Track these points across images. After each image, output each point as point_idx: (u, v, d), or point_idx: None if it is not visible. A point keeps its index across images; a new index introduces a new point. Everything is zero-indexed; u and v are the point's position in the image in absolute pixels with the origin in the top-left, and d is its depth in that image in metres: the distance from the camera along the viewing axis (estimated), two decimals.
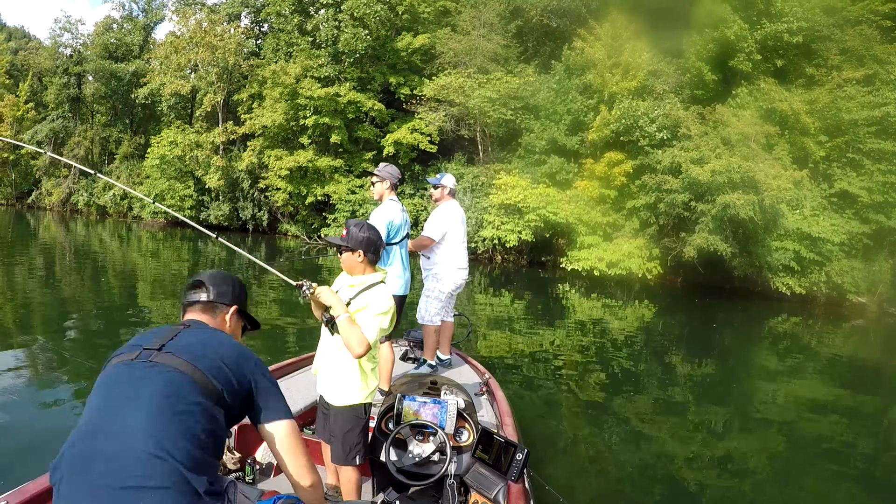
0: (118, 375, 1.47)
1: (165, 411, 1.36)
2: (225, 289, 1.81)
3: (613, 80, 18.20)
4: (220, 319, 1.78)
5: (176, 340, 1.54)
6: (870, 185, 15.71)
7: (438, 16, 25.11)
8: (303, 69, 23.57)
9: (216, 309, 1.78)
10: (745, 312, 14.95)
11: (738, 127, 15.81)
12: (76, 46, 34.72)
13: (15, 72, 40.12)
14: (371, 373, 2.60)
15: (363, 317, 2.45)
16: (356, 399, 2.56)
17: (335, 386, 2.60)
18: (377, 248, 2.62)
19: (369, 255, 2.58)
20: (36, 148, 4.19)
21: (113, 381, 1.46)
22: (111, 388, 1.45)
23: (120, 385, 1.44)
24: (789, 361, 9.77)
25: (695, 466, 4.97)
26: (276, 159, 24.50)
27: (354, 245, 2.56)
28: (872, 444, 5.99)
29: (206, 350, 1.53)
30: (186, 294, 1.81)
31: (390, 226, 3.86)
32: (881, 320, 14.67)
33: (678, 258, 16.88)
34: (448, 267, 4.45)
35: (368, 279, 2.59)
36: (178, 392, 1.40)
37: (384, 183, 3.99)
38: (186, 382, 1.43)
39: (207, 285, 1.78)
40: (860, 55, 16.66)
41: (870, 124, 15.77)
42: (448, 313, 4.65)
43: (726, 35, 16.65)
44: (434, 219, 4.39)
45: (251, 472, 3.10)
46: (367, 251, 2.57)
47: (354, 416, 2.57)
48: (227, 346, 1.59)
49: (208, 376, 1.47)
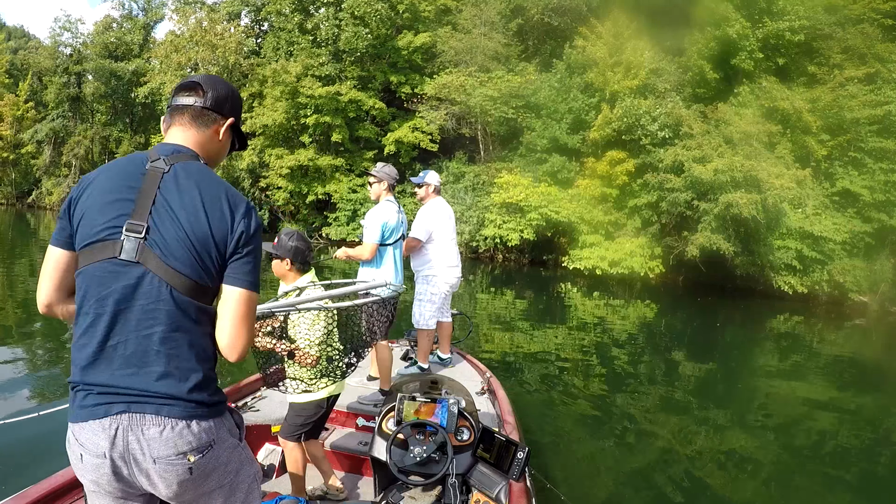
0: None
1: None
2: (223, 94, 1.47)
3: (615, 79, 18.20)
4: (212, 132, 1.46)
5: (158, 216, 1.28)
6: (872, 183, 15.72)
7: (439, 14, 25.10)
8: (303, 68, 23.55)
9: (208, 119, 1.45)
10: (746, 311, 14.95)
11: (741, 125, 15.81)
12: (76, 46, 34.72)
13: (15, 71, 40.07)
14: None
15: (295, 330, 2.54)
16: (312, 397, 2.73)
17: (294, 384, 2.74)
18: (305, 256, 2.71)
19: (297, 263, 2.69)
20: None
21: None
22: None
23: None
24: (791, 360, 9.77)
25: (696, 465, 4.98)
26: (276, 158, 24.50)
27: (283, 253, 2.67)
28: (874, 443, 5.99)
29: (192, 235, 1.27)
30: (175, 96, 1.47)
31: (385, 227, 3.84)
32: (883, 319, 14.67)
33: (680, 257, 16.88)
34: (439, 267, 4.39)
35: (298, 285, 2.71)
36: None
37: (381, 183, 3.96)
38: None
39: (204, 88, 1.44)
40: (862, 54, 16.66)
41: (871, 123, 15.77)
42: (445, 313, 4.63)
43: (728, 33, 16.65)
44: (419, 219, 4.33)
45: None
46: (294, 259, 2.68)
47: (314, 407, 2.78)
48: (217, 217, 1.30)
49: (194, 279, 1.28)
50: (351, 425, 3.66)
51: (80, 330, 1.29)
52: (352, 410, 3.70)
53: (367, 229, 3.85)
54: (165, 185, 1.31)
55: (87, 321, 1.28)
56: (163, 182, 1.31)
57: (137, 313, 1.26)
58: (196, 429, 1.27)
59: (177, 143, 1.42)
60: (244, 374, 4.15)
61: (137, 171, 1.33)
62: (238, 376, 4.62)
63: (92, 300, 1.28)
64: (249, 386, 3.70)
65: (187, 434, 1.26)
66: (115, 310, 1.26)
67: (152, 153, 1.37)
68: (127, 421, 1.24)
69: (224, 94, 1.48)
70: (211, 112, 1.45)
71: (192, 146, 1.43)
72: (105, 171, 1.37)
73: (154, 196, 1.30)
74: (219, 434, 1.32)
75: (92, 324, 1.27)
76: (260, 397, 3.60)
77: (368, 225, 3.84)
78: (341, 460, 3.42)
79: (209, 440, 1.30)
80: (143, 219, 1.28)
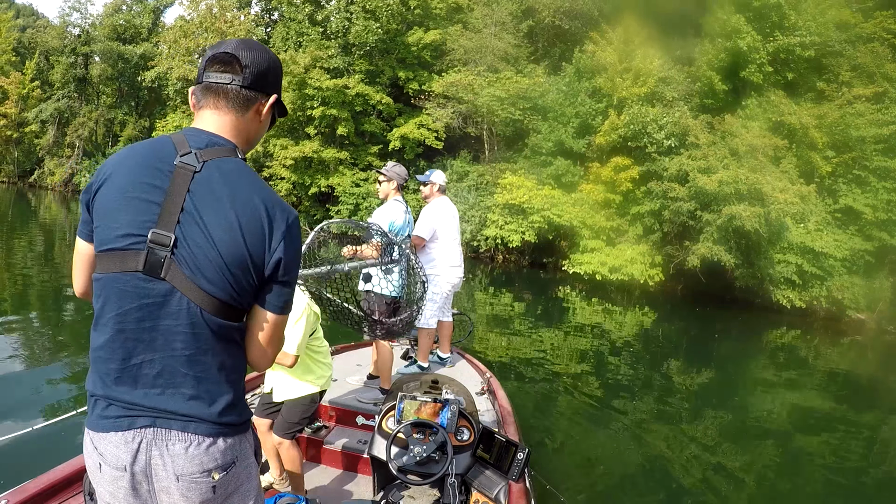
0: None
1: None
2: (265, 66, 1.25)
3: (623, 85, 18.19)
4: (252, 114, 1.26)
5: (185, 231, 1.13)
6: (874, 202, 15.74)
7: (450, 12, 25.05)
8: (312, 59, 23.49)
9: (248, 100, 1.24)
10: (744, 323, 14.98)
11: (747, 138, 15.81)
12: (84, 26, 34.59)
13: (22, 49, 39.92)
14: (315, 364, 2.88)
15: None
16: (304, 392, 2.85)
17: (284, 384, 2.88)
18: None
19: None
20: None
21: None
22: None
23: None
24: (786, 374, 9.81)
25: (693, 469, 5.04)
26: (281, 148, 24.45)
27: None
28: (865, 459, 6.05)
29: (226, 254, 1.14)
30: (207, 70, 1.24)
31: (392, 226, 3.87)
32: (879, 337, 14.70)
33: (680, 266, 16.90)
34: (442, 266, 4.42)
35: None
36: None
37: (391, 183, 3.98)
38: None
39: (242, 62, 1.22)
40: (870, 72, 16.67)
41: (877, 142, 15.79)
42: (446, 313, 4.64)
43: (739, 45, 16.64)
44: (423, 218, 4.35)
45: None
46: None
47: (309, 401, 2.89)
48: (254, 235, 1.16)
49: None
50: (351, 424, 3.67)
51: (99, 340, 1.19)
52: (351, 409, 3.70)
53: None
54: (197, 188, 1.14)
55: (106, 334, 1.17)
56: (194, 184, 1.14)
57: (164, 333, 1.15)
58: (222, 445, 1.20)
59: (211, 132, 1.23)
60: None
61: (165, 167, 1.15)
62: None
63: (111, 313, 1.16)
64: (249, 383, 3.70)
65: (213, 450, 1.19)
66: (138, 328, 1.15)
67: (181, 143, 1.18)
68: (151, 435, 1.16)
69: (265, 66, 1.25)
70: (251, 91, 1.24)
71: (228, 133, 1.24)
72: (125, 162, 1.19)
73: (183, 201, 1.13)
74: (242, 450, 1.26)
75: (112, 339, 1.16)
76: (258, 395, 3.62)
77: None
78: (340, 459, 3.41)
79: (233, 457, 1.23)
80: (171, 228, 1.12)
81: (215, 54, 1.24)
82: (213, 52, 1.25)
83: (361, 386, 4.06)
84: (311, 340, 2.82)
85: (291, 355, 2.64)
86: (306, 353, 2.83)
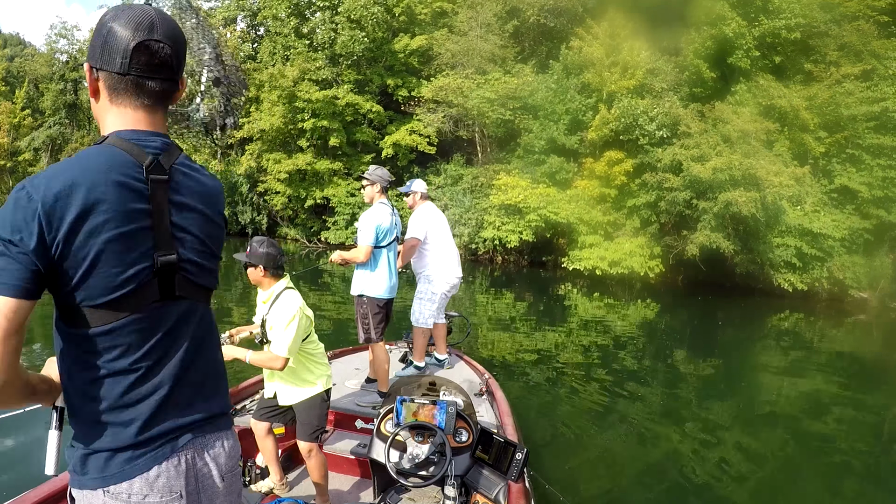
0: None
1: None
2: (185, 54, 1.18)
3: (612, 79, 18.21)
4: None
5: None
6: (870, 180, 15.74)
7: (435, 17, 25.11)
8: (300, 72, 23.55)
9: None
10: (746, 309, 14.95)
11: (738, 124, 15.82)
12: (72, 52, 34.67)
13: (11, 79, 40.01)
14: (313, 365, 2.89)
15: (272, 334, 2.71)
16: (310, 393, 2.87)
17: (287, 388, 2.89)
18: (277, 261, 2.79)
19: (270, 269, 2.77)
20: None
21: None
22: None
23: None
24: (792, 358, 9.77)
25: (696, 465, 4.97)
26: (274, 163, 24.48)
27: (255, 260, 2.75)
28: (876, 440, 5.99)
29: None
30: (144, 75, 1.10)
31: (378, 229, 3.86)
32: (883, 315, 14.68)
33: (679, 256, 16.88)
34: (439, 267, 4.49)
35: (274, 290, 2.79)
36: None
37: (375, 186, 3.99)
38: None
39: (177, 63, 1.15)
40: (858, 51, 16.70)
41: (868, 119, 15.80)
42: (440, 315, 4.64)
43: (724, 32, 16.67)
44: (414, 220, 4.45)
45: (249, 475, 3.16)
46: (266, 266, 2.76)
47: (320, 400, 2.92)
48: (220, 223, 1.28)
49: None
50: (350, 427, 3.67)
51: (120, 387, 1.07)
52: (350, 412, 3.70)
53: (361, 232, 3.88)
54: (175, 197, 1.12)
55: (136, 374, 1.08)
56: (171, 195, 1.11)
57: (187, 348, 1.15)
58: (233, 431, 1.29)
59: (156, 132, 1.13)
60: (245, 377, 4.14)
61: (138, 186, 1.06)
62: (238, 379, 4.59)
63: (131, 357, 1.07)
64: (249, 388, 3.71)
65: (234, 439, 1.27)
66: (173, 351, 1.12)
67: (137, 151, 1.08)
68: (192, 447, 1.14)
69: (184, 53, 1.15)
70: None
71: (161, 129, 1.15)
72: (94, 192, 1.01)
73: (169, 216, 1.10)
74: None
75: (144, 377, 1.09)
76: (257, 399, 3.61)
77: (363, 227, 3.87)
78: (340, 462, 3.41)
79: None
80: (171, 247, 1.10)
81: (149, 55, 1.07)
82: (144, 45, 1.06)
83: (359, 389, 4.05)
84: (305, 344, 2.84)
85: (282, 358, 2.66)
86: (303, 357, 2.85)
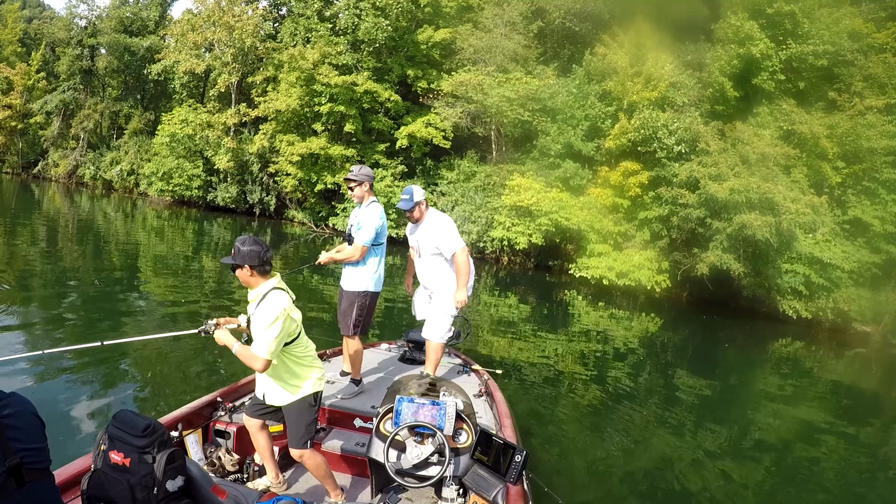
0: None
1: None
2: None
3: (634, 89, 18.12)
4: None
5: None
6: (883, 214, 15.74)
7: (461, 11, 24.92)
8: (321, 55, 23.39)
9: None
10: (749, 332, 14.98)
11: (758, 146, 15.76)
12: (91, 18, 34.34)
13: (28, 40, 39.77)
14: (299, 368, 2.83)
15: (255, 333, 2.68)
16: (297, 396, 2.83)
17: (274, 389, 2.86)
18: (262, 257, 2.73)
19: (256, 267, 2.71)
20: None
21: None
22: None
23: None
24: (790, 385, 9.81)
25: (691, 476, 5.08)
26: (287, 144, 24.36)
27: (240, 260, 2.70)
28: (867, 474, 6.06)
29: None
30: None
31: (378, 228, 3.89)
32: (884, 350, 14.70)
33: (687, 273, 16.87)
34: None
35: (262, 290, 2.74)
36: None
37: (364, 185, 3.96)
38: None
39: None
40: (882, 83, 16.63)
41: (888, 154, 15.78)
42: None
43: (752, 52, 16.58)
44: (449, 230, 4.11)
45: (247, 472, 3.15)
46: (252, 264, 2.70)
47: (307, 405, 2.85)
48: None
49: None
50: (348, 426, 3.66)
51: None
52: (349, 411, 3.69)
53: (362, 230, 3.86)
54: None
55: None
56: None
57: None
58: None
59: None
60: (241, 374, 4.14)
61: None
62: (235, 377, 4.60)
63: None
64: (246, 386, 3.69)
65: None
66: None
67: None
68: None
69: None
70: None
71: None
72: None
73: None
74: None
75: None
76: (252, 397, 3.61)
77: (365, 226, 3.85)
78: (338, 461, 3.40)
79: None
80: None
81: None
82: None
83: (335, 381, 4.06)
84: (292, 347, 2.78)
85: (261, 359, 2.60)
86: (288, 359, 2.79)
